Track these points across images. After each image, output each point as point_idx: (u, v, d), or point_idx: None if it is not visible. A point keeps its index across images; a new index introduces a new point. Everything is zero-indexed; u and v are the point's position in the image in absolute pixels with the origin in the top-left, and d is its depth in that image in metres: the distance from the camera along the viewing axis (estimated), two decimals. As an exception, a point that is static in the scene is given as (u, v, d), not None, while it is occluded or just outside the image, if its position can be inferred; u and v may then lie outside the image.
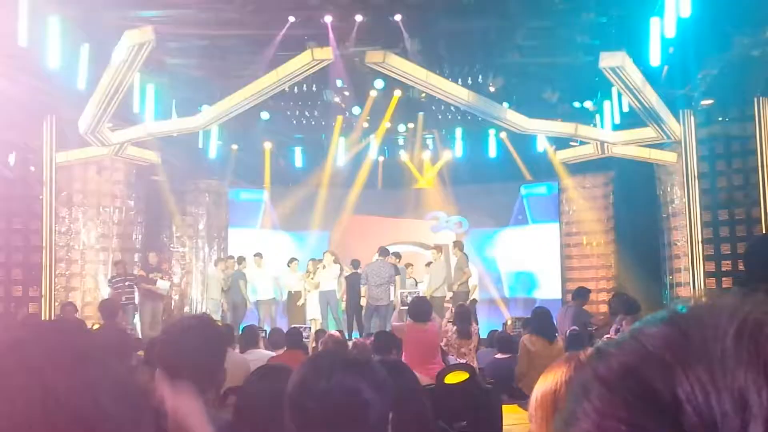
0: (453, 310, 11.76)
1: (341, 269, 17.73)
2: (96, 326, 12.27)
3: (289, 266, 18.88)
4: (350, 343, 11.38)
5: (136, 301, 16.89)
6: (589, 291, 13.31)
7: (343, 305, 17.76)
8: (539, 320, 9.72)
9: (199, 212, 20.86)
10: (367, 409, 1.94)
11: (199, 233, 20.74)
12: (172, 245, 20.33)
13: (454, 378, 4.06)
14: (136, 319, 16.81)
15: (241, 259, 18.69)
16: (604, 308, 17.76)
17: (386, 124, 20.20)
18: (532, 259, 21.11)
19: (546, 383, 2.11)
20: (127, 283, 16.67)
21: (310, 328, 15.23)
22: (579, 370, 0.73)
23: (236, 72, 16.27)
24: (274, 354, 9.57)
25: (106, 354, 1.16)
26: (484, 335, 13.48)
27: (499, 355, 10.51)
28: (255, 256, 19.01)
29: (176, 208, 20.22)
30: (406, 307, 11.27)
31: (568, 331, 10.31)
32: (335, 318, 17.64)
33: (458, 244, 17.83)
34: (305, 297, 18.20)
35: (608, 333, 11.22)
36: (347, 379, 1.95)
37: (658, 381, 0.64)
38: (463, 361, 10.02)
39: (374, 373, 2.01)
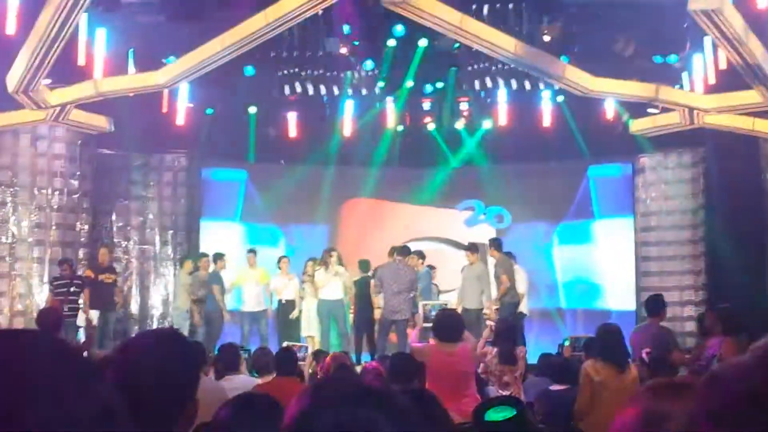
0: (493, 328, 11.76)
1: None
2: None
3: (279, 267, 18.89)
4: (359, 369, 11.43)
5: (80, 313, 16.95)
6: (664, 301, 13.12)
7: (351, 319, 17.81)
8: (606, 341, 9.66)
9: (163, 195, 20.83)
10: (386, 449, 1.93)
11: (163, 223, 20.71)
12: (122, 238, 20.23)
13: (496, 415, 4.04)
14: (80, 336, 16.90)
15: (217, 257, 18.70)
16: (690, 326, 17.75)
17: (408, 83, 20.17)
18: (597, 262, 21.11)
19: (624, 421, 2.11)
20: (72, 289, 16.67)
21: (306, 348, 15.29)
22: (677, 400, 0.73)
23: (212, 13, 16.27)
24: (259, 381, 9.59)
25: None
26: (533, 360, 13.45)
27: (554, 387, 10.46)
28: (249, 252, 19.04)
29: (131, 189, 20.22)
30: (430, 324, 11.28)
31: (645, 354, 10.26)
32: (341, 334, 17.67)
33: (494, 243, 17.84)
34: (300, 307, 18.26)
35: (699, 360, 11.20)
36: (361, 412, 1.94)
37: None
38: (506, 392, 10.01)
39: (395, 404, 2.00)
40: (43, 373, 1.21)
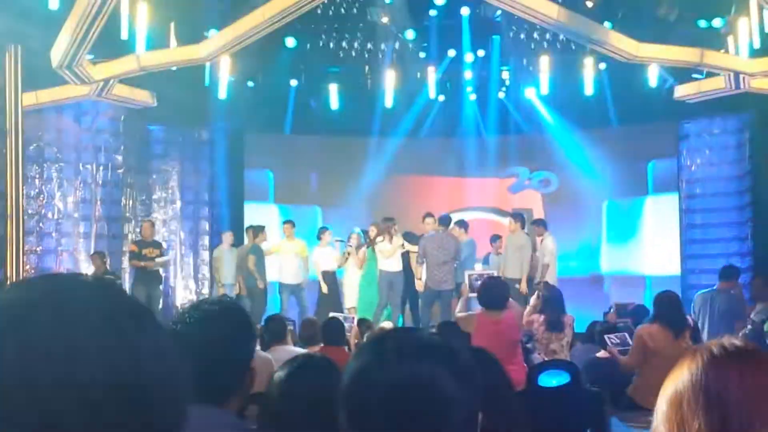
0: (540, 295, 11.71)
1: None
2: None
3: (319, 239, 18.87)
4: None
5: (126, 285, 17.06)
6: (739, 270, 13.24)
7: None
8: (663, 307, 9.57)
9: (213, 171, 20.84)
10: (449, 407, 1.88)
11: (202, 197, 20.66)
12: (163, 213, 20.24)
13: (549, 380, 3.98)
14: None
15: (258, 230, 18.71)
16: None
17: (450, 52, 20.07)
18: (642, 227, 21.00)
19: (679, 378, 2.05)
20: None
21: (352, 318, 15.30)
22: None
23: (253, -14, 16.24)
24: (306, 351, 9.59)
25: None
26: (580, 329, 13.36)
27: (601, 354, 10.41)
28: (285, 223, 19.01)
29: (172, 164, 20.23)
30: (476, 294, 11.24)
31: (738, 325, 10.21)
32: (396, 306, 17.61)
33: (518, 219, 17.86)
34: (343, 279, 18.24)
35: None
36: (423, 367, 1.89)
37: None
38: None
39: (459, 360, 1.95)
40: (101, 308, 1.21)
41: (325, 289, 18.33)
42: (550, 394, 4.13)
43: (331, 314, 13.42)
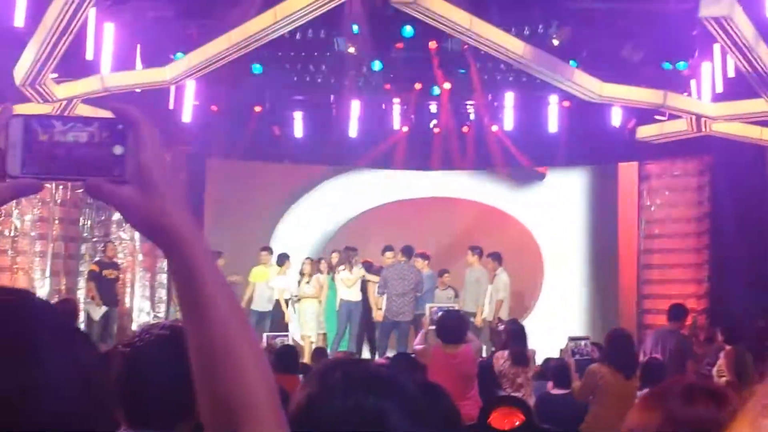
0: (506, 329, 11.79)
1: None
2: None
3: (280, 266, 18.79)
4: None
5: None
6: (687, 310, 13.32)
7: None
8: (614, 347, 9.61)
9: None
10: (395, 441, 1.87)
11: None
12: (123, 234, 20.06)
13: (503, 420, 3.95)
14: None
15: (216, 256, 18.62)
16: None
17: (416, 85, 20.14)
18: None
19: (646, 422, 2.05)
20: None
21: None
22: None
23: (221, 10, 16.23)
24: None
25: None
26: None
27: (554, 390, 10.42)
28: (263, 250, 18.91)
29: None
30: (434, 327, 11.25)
31: (647, 360, 10.22)
32: (352, 337, 17.56)
33: (476, 251, 17.95)
34: (295, 307, 18.15)
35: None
36: (370, 399, 1.89)
37: None
38: (518, 394, 9.96)
39: (406, 393, 1.94)
40: (27, 334, 1.20)
41: (286, 316, 18.22)
42: (501, 432, 4.12)
43: (286, 341, 13.40)
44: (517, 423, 4.06)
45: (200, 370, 1.53)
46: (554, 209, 21.50)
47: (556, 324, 19.88)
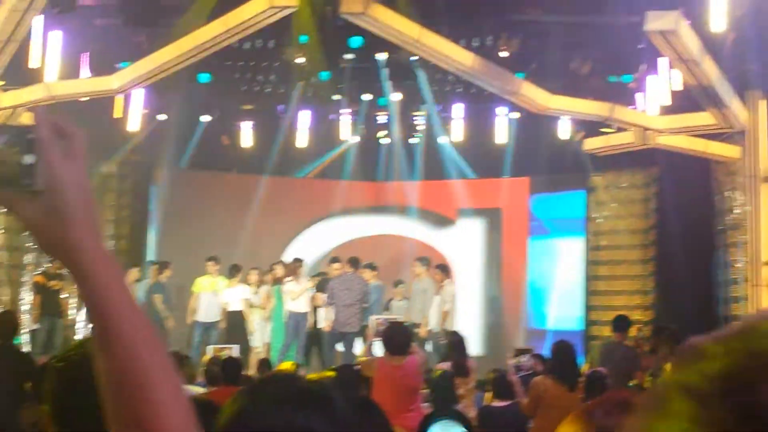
0: (447, 340, 11.81)
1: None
2: None
3: (230, 278, 18.67)
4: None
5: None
6: (630, 321, 13.45)
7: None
8: (557, 359, 9.66)
9: (120, 203, 20.60)
10: (322, 459, 1.86)
11: (108, 231, 20.38)
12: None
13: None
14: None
15: (163, 267, 18.51)
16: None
17: (364, 95, 20.16)
18: (545, 278, 21.17)
19: None
20: None
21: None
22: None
23: (169, 19, 16.16)
24: (202, 391, 9.50)
25: None
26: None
27: (495, 403, 10.44)
28: (209, 261, 18.68)
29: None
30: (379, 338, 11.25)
31: (590, 372, 10.26)
32: (300, 349, 17.49)
33: (424, 262, 18.00)
34: (248, 318, 18.08)
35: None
36: (299, 416, 1.88)
37: None
38: (459, 405, 9.96)
39: (335, 410, 1.93)
40: None
41: (250, 326, 18.13)
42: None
43: (230, 353, 13.34)
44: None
45: (109, 396, 1.49)
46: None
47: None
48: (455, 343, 11.57)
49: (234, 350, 15.06)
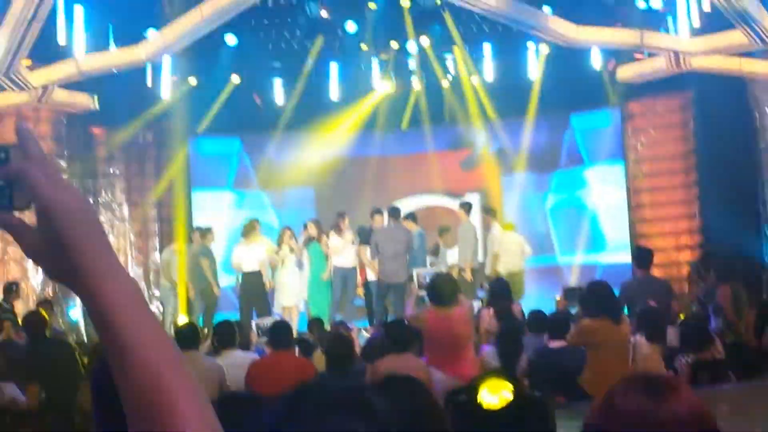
0: (488, 287, 11.77)
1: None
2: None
3: (246, 237, 18.01)
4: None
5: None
6: (650, 252, 13.05)
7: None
8: (596, 298, 9.55)
9: (147, 171, 20.66)
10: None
11: (149, 199, 20.40)
12: (112, 216, 19.93)
13: (493, 394, 3.91)
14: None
15: (205, 231, 18.44)
16: (687, 270, 17.67)
17: (392, 43, 20.04)
18: (590, 210, 21.03)
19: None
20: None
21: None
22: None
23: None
24: (256, 357, 9.56)
25: None
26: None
27: (552, 344, 10.35)
28: (247, 222, 18.23)
29: (117, 166, 19.98)
30: (425, 292, 11.24)
31: (642, 309, 10.19)
32: (348, 304, 17.41)
33: (466, 207, 17.80)
34: (273, 277, 17.63)
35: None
36: (340, 422, 1.87)
37: None
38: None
39: (376, 414, 1.92)
40: None
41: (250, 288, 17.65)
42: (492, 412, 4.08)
43: (278, 315, 13.38)
44: (507, 396, 4.03)
45: (127, 406, 1.44)
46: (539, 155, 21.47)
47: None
48: (498, 290, 11.52)
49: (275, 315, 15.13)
